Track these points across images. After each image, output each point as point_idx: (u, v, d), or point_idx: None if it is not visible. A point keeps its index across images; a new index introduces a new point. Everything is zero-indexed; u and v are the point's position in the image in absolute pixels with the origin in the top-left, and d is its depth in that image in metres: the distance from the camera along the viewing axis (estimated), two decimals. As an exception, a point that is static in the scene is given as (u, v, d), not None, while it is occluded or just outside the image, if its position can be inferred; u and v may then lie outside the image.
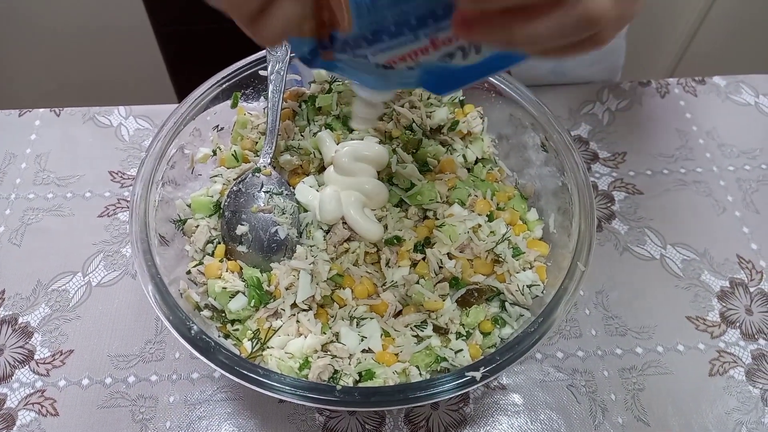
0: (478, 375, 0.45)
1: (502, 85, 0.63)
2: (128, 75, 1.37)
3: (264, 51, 0.64)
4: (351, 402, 0.44)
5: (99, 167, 0.77)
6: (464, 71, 0.37)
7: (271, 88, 0.62)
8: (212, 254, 0.58)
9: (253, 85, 0.66)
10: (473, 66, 0.37)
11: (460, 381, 0.45)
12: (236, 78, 0.64)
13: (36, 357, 0.62)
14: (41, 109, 0.82)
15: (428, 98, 0.66)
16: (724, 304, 0.68)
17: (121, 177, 0.76)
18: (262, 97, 0.67)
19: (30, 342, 0.63)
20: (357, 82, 0.42)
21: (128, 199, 0.74)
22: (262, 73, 0.65)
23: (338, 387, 0.45)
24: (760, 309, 0.67)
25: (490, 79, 0.64)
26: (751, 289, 0.69)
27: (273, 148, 0.61)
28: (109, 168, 0.77)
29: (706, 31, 1.34)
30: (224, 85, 0.64)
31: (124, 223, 0.72)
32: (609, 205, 0.75)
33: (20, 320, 0.65)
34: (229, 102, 0.66)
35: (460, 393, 0.46)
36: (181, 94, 1.08)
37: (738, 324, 0.66)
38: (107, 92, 1.26)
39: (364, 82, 0.41)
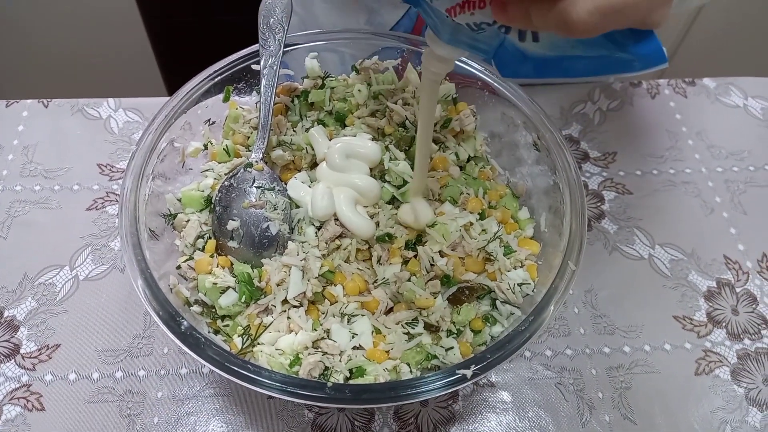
0: (468, 373, 0.45)
1: (495, 84, 0.63)
2: (117, 67, 1.36)
3: (257, 45, 0.64)
4: (342, 399, 0.44)
5: (87, 160, 0.76)
6: (536, 63, 0.38)
7: (263, 82, 0.61)
8: (203, 249, 0.58)
9: (245, 79, 0.65)
10: (544, 60, 0.37)
11: (451, 379, 0.45)
12: (228, 72, 0.64)
13: (22, 351, 0.62)
14: (29, 100, 0.81)
15: None
16: (710, 304, 0.68)
17: (110, 170, 0.75)
18: (254, 92, 0.66)
19: (16, 336, 0.63)
20: (432, 30, 0.42)
21: (117, 192, 0.73)
22: (254, 67, 0.64)
23: (329, 384, 0.44)
24: (746, 309, 0.68)
25: (483, 77, 0.64)
26: (738, 290, 0.69)
27: (265, 143, 0.60)
28: (97, 161, 0.76)
29: (697, 32, 1.35)
30: (216, 79, 0.64)
31: (112, 216, 0.71)
32: (599, 204, 0.76)
33: (6, 314, 0.64)
34: (220, 96, 0.65)
35: (451, 391, 0.46)
36: (172, 87, 1.06)
37: (724, 324, 0.67)
38: (96, 85, 1.24)
39: (437, 31, 0.41)
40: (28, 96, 0.82)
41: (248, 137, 0.64)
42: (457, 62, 0.63)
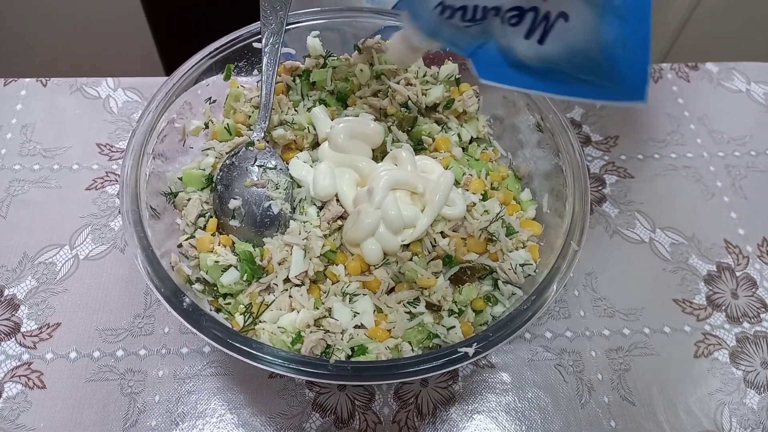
0: (471, 351, 0.45)
1: None
2: (114, 46, 1.34)
3: (258, 23, 0.63)
4: (343, 376, 0.44)
5: (87, 139, 0.75)
6: (520, 70, 0.38)
7: (265, 61, 0.61)
8: (204, 228, 0.58)
9: (246, 57, 0.65)
10: (529, 69, 0.37)
11: (453, 357, 0.45)
12: (229, 50, 0.63)
13: (23, 329, 0.62)
14: (27, 79, 0.80)
15: (424, 76, 0.65)
16: (710, 288, 0.69)
17: (110, 150, 0.75)
18: (255, 70, 0.66)
19: (16, 314, 0.62)
20: (412, 20, 0.41)
21: (117, 172, 0.73)
22: (256, 45, 0.63)
23: (331, 361, 0.45)
24: (745, 293, 0.68)
25: None
26: (738, 274, 0.70)
27: (267, 122, 0.60)
28: (97, 140, 0.75)
29: (700, 16, 1.34)
30: (217, 57, 0.63)
31: (112, 196, 0.71)
32: (600, 188, 0.76)
33: (6, 292, 0.64)
34: (221, 75, 0.64)
35: (452, 368, 0.46)
36: (169, 67, 1.05)
37: (724, 307, 0.67)
38: (93, 63, 1.23)
39: (418, 21, 0.40)
40: (26, 75, 0.81)
41: (249, 116, 0.64)
42: None
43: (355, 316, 0.52)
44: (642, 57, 0.36)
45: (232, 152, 0.60)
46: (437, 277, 0.55)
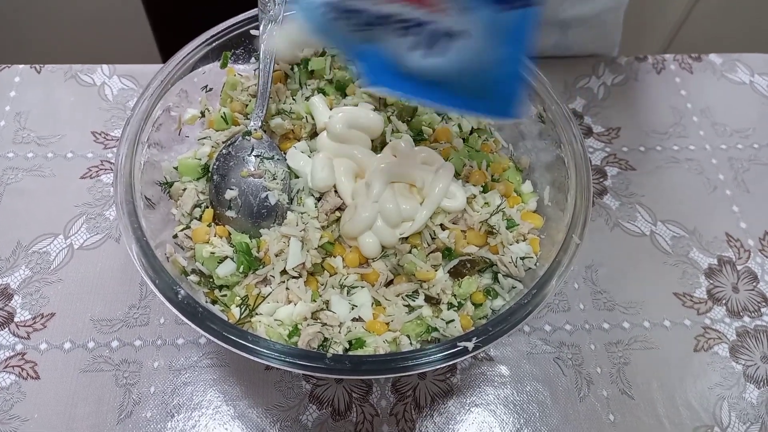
0: (470, 345, 0.45)
1: None
2: (109, 33, 1.33)
3: (255, 10, 0.62)
4: (341, 370, 0.43)
5: (81, 127, 0.74)
6: (404, 79, 0.38)
7: (262, 48, 0.59)
8: (200, 218, 0.57)
9: (243, 45, 0.63)
10: (414, 78, 0.37)
11: (453, 351, 0.44)
12: (226, 37, 0.62)
13: (16, 319, 0.61)
14: (21, 65, 0.79)
15: None
16: (711, 282, 0.68)
17: (105, 138, 0.74)
18: (252, 58, 0.64)
19: (10, 304, 0.62)
20: (301, 15, 0.40)
21: (112, 161, 0.72)
22: (253, 32, 0.62)
23: (328, 355, 0.44)
24: (746, 287, 0.68)
25: None
26: (739, 267, 0.69)
27: (264, 110, 0.59)
28: (91, 128, 0.74)
29: (703, 7, 1.33)
30: (213, 45, 0.62)
31: (107, 185, 0.70)
32: (601, 180, 0.75)
33: (-1, 282, 0.63)
34: (218, 62, 0.63)
35: (451, 363, 0.45)
36: (165, 54, 1.03)
37: (724, 301, 0.67)
38: (88, 51, 1.21)
39: (306, 16, 0.39)
40: (20, 61, 0.80)
41: (246, 105, 0.63)
42: None
43: (353, 308, 0.52)
44: (515, 78, 0.38)
45: (229, 142, 0.59)
46: (436, 270, 0.54)
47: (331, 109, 0.61)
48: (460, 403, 0.59)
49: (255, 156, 0.57)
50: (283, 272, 0.53)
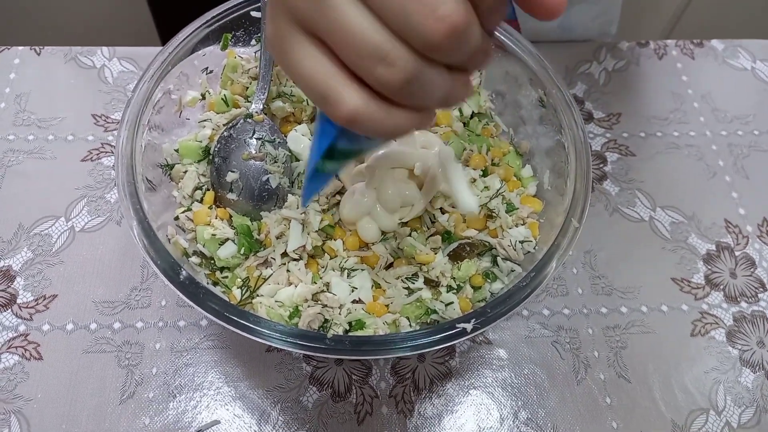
0: (469, 327, 0.45)
1: (502, 37, 0.62)
2: (109, 15, 1.32)
3: (256, -8, 0.61)
4: (341, 350, 0.44)
5: (81, 110, 0.74)
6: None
7: (264, 30, 0.59)
8: (201, 201, 0.57)
9: (244, 27, 0.63)
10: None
11: (451, 332, 0.45)
12: (226, 19, 0.62)
13: (18, 301, 0.61)
14: (21, 47, 0.78)
15: None
16: (709, 267, 0.68)
17: (105, 121, 0.74)
18: (253, 41, 0.64)
19: (12, 286, 0.62)
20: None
21: (113, 143, 0.72)
22: (254, 14, 0.62)
23: (329, 335, 0.44)
24: (744, 273, 0.68)
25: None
26: (737, 253, 0.70)
27: (266, 93, 0.59)
28: (92, 111, 0.74)
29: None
30: (213, 26, 0.61)
31: (108, 168, 0.70)
32: (601, 165, 0.75)
33: (1, 264, 0.63)
34: (218, 45, 0.63)
35: (450, 344, 0.46)
36: (165, 36, 1.03)
37: (722, 287, 0.67)
38: (87, 33, 1.20)
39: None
40: (20, 42, 0.79)
41: (247, 87, 0.63)
42: None
43: (353, 290, 0.52)
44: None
45: (230, 124, 0.59)
46: (436, 253, 0.54)
47: (331, 93, 0.60)
48: (459, 386, 0.59)
49: (256, 139, 0.57)
50: (284, 254, 0.53)
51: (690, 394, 0.60)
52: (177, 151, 0.59)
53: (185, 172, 0.58)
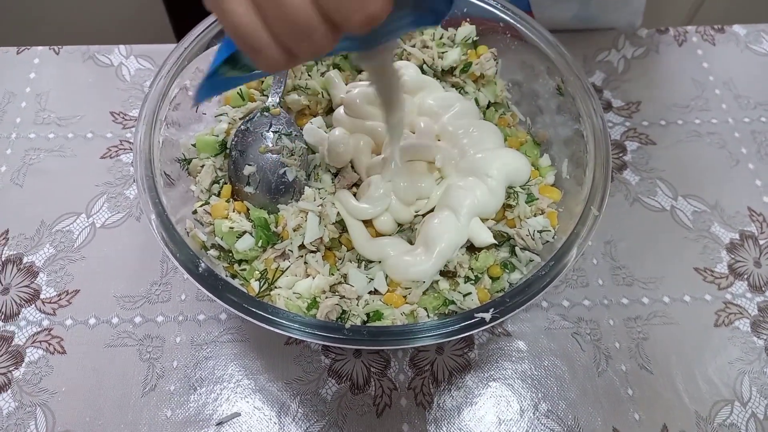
0: (487, 316, 0.45)
1: (519, 26, 0.61)
2: (123, 13, 1.32)
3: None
4: (359, 340, 0.44)
5: (100, 108, 0.75)
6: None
7: None
8: (218, 194, 0.57)
9: (259, 22, 0.63)
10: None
11: (470, 322, 0.45)
12: (241, 14, 0.62)
13: (42, 296, 0.62)
14: (40, 47, 0.80)
15: (440, 38, 0.63)
16: (732, 256, 0.67)
17: (123, 118, 0.74)
18: None
19: (35, 282, 0.63)
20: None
21: (131, 140, 0.73)
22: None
23: (346, 326, 0.44)
24: (769, 261, 0.67)
25: (506, 18, 0.61)
26: (761, 242, 0.68)
27: (282, 86, 0.59)
28: (110, 108, 0.75)
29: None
30: (229, 22, 0.61)
31: (127, 165, 0.71)
32: (621, 155, 0.74)
33: (25, 260, 0.64)
34: (233, 40, 0.63)
35: (469, 334, 0.46)
36: (180, 32, 1.04)
37: (746, 276, 0.66)
38: (105, 31, 1.21)
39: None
40: (39, 43, 0.81)
41: (262, 81, 0.63)
42: (477, 2, 0.61)
43: (370, 281, 0.52)
44: None
45: (247, 118, 0.59)
46: None
47: (346, 85, 0.61)
48: (478, 378, 0.59)
49: (273, 132, 0.57)
50: (301, 247, 0.53)
51: (714, 385, 0.59)
52: (194, 145, 0.60)
53: (202, 166, 0.58)
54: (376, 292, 0.52)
